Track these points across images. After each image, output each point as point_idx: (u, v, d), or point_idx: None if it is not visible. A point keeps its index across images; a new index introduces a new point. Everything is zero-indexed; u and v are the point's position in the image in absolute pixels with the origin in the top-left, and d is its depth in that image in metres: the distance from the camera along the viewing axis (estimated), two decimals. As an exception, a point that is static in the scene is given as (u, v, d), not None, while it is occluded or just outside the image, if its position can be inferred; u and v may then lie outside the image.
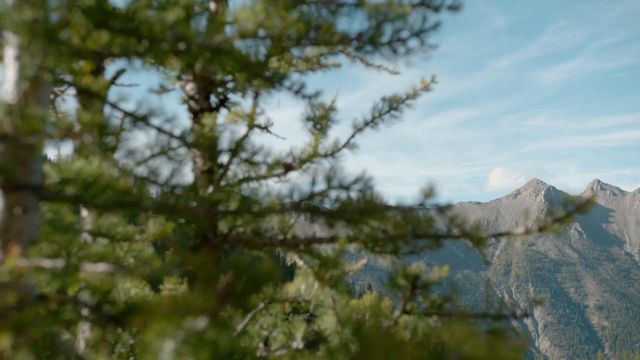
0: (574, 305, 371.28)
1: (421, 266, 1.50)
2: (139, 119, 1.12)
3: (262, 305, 1.76)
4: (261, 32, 1.25)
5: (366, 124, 1.99)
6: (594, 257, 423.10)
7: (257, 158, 1.36)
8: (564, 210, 1.38)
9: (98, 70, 1.74)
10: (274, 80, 1.43)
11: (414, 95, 2.09)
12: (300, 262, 2.01)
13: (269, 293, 1.64)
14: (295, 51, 1.99)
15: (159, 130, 1.17)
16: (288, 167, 1.39)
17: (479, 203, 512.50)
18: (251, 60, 1.33)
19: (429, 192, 1.30)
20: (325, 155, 1.91)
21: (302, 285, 1.85)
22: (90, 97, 1.20)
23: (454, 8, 1.36)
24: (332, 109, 2.21)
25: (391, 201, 1.39)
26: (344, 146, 1.96)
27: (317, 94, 1.53)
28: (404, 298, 1.49)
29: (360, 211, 1.22)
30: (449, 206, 1.33)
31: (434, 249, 1.54)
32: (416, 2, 1.37)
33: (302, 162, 1.81)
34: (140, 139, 1.25)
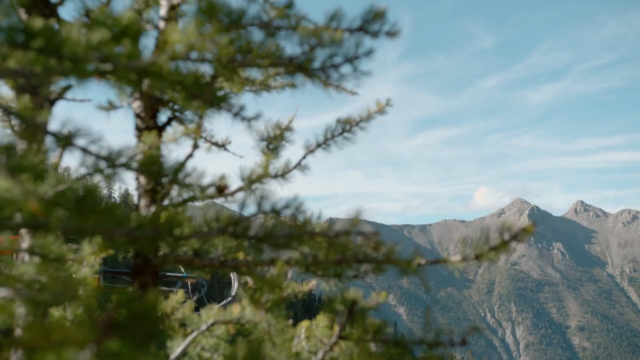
0: (556, 326, 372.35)
1: (358, 292, 1.48)
2: (62, 140, 1.10)
3: (204, 326, 1.74)
4: (193, 55, 1.24)
5: (318, 145, 1.99)
6: (576, 277, 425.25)
7: (190, 180, 1.35)
8: (501, 238, 1.37)
9: (33, 90, 1.72)
10: (212, 102, 1.42)
11: (368, 117, 2.08)
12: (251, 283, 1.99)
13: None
14: (250, 72, 1.98)
15: (84, 151, 1.16)
16: (221, 189, 1.38)
17: (463, 221, 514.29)
18: (187, 82, 1.32)
19: (356, 219, 1.30)
20: (276, 176, 1.89)
21: (248, 307, 1.83)
22: (9, 117, 1.19)
23: (392, 34, 1.36)
24: (288, 129, 2.20)
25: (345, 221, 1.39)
26: (295, 167, 1.95)
27: (257, 116, 1.53)
28: (341, 323, 1.48)
29: (287, 236, 1.21)
30: (374, 233, 1.32)
31: (377, 274, 1.53)
32: (355, 28, 1.37)
33: (251, 182, 1.80)
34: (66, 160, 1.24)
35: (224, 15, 1.32)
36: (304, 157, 1.95)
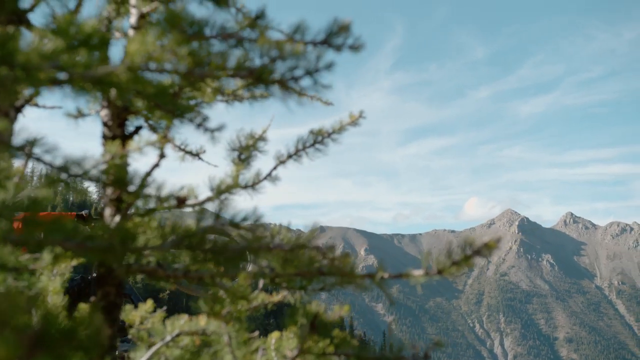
0: (544, 337, 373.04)
1: (320, 305, 1.48)
2: (15, 149, 1.09)
3: (169, 337, 1.73)
4: (152, 65, 1.24)
5: (289, 156, 1.98)
6: (564, 289, 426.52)
7: (148, 190, 1.34)
8: (463, 253, 1.37)
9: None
10: (175, 112, 1.41)
11: (340, 129, 2.08)
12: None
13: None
14: (222, 82, 1.98)
15: (38, 160, 1.15)
16: (181, 201, 1.37)
17: (453, 231, 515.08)
18: (148, 92, 1.31)
19: (311, 234, 1.29)
20: (246, 187, 1.88)
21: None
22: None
23: (355, 48, 1.36)
24: (261, 139, 2.20)
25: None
26: (266, 178, 1.94)
27: (221, 127, 1.52)
28: (303, 337, 1.47)
29: (242, 250, 1.20)
30: (331, 248, 1.31)
31: (344, 287, 1.52)
32: (319, 41, 1.36)
33: (220, 193, 1.79)
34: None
35: (187, 25, 1.32)
36: (274, 168, 1.94)
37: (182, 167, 2.55)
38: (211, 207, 1.44)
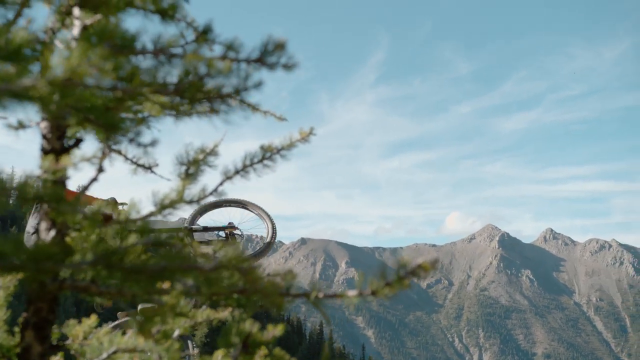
0: (523, 353, 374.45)
1: (254, 324, 1.45)
2: None
3: (105, 355, 1.69)
4: (75, 80, 1.22)
5: (236, 172, 1.96)
6: (544, 305, 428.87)
7: (67, 207, 1.31)
8: (397, 274, 1.36)
9: None
10: (107, 127, 1.39)
11: (290, 146, 2.06)
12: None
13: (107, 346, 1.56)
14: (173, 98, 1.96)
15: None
16: (107, 218, 1.34)
17: (434, 245, 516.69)
18: (78, 106, 1.29)
19: (234, 255, 1.27)
20: (191, 202, 1.86)
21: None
22: None
23: (288, 67, 1.35)
24: (212, 153, 2.18)
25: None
26: (211, 193, 1.92)
27: (154, 142, 1.50)
28: (234, 356, 1.44)
29: (162, 269, 1.18)
30: (252, 269, 1.30)
31: (276, 306, 1.50)
32: (253, 59, 1.35)
33: (164, 208, 1.76)
34: None
35: (118, 39, 1.30)
36: (220, 184, 1.92)
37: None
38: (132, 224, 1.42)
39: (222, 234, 7.37)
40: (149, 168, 2.56)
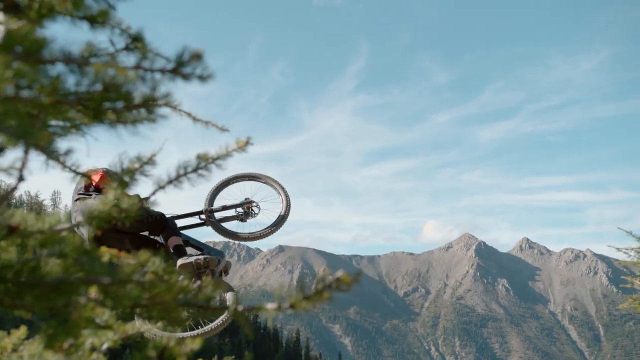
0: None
1: (171, 338, 1.43)
2: None
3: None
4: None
5: (170, 181, 1.93)
6: (519, 313, 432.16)
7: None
8: (315, 288, 1.34)
9: None
10: (18, 136, 1.36)
11: (226, 155, 2.04)
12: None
13: None
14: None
15: None
16: (12, 229, 1.31)
17: (411, 254, 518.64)
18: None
19: (132, 267, 1.25)
20: (122, 212, 1.83)
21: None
22: None
23: (204, 78, 1.33)
24: (150, 162, 2.14)
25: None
26: (143, 203, 1.89)
27: (68, 151, 1.48)
28: (150, 372, 1.42)
29: (59, 282, 1.15)
30: (152, 282, 1.27)
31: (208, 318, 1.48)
32: (168, 69, 1.33)
33: (92, 219, 1.73)
34: None
35: (24, 47, 1.27)
36: (153, 193, 1.89)
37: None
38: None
39: (240, 210, 7.57)
40: (88, 176, 2.53)
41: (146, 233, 6.80)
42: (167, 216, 6.89)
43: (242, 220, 7.53)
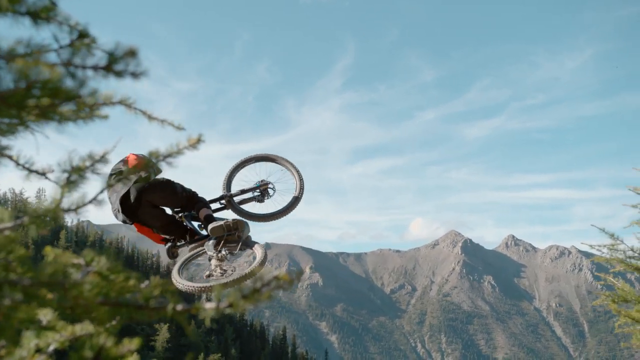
0: (484, 357, 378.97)
1: (109, 339, 1.41)
2: None
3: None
4: None
5: (119, 180, 1.91)
6: (505, 310, 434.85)
7: None
8: (253, 287, 1.33)
9: None
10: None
11: (178, 152, 2.03)
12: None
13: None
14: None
15: None
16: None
17: (398, 251, 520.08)
18: None
19: (55, 270, 1.23)
20: (68, 210, 1.81)
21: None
22: None
23: (136, 75, 1.32)
24: (102, 160, 2.12)
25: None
26: (91, 201, 1.86)
27: (4, 147, 1.45)
28: (86, 373, 1.40)
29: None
30: (75, 283, 1.26)
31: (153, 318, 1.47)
32: (101, 66, 1.31)
33: (37, 217, 1.71)
34: None
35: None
36: (101, 192, 1.87)
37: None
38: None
39: (257, 192, 7.95)
40: (43, 174, 2.50)
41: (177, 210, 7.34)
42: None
43: (259, 201, 7.90)
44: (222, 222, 6.97)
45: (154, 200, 6.94)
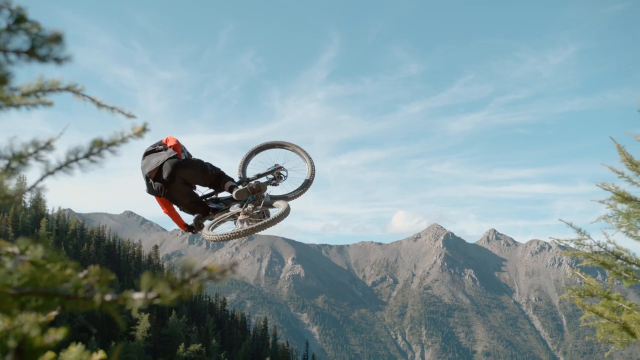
0: (463, 350, 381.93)
1: (34, 328, 1.39)
2: None
3: None
4: None
5: (59, 167, 1.88)
6: (485, 304, 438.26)
7: None
8: (182, 277, 1.32)
9: None
10: None
11: (121, 141, 2.00)
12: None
13: None
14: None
15: None
16: None
17: (380, 244, 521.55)
18: None
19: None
20: (6, 198, 1.78)
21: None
22: None
23: (59, 60, 1.30)
24: (47, 147, 2.09)
25: None
26: (30, 189, 1.84)
27: None
28: (9, 362, 1.38)
29: None
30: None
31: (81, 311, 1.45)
32: (24, 50, 1.29)
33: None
34: None
35: None
36: (41, 179, 1.84)
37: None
38: None
39: (271, 176, 8.45)
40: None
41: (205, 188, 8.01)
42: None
43: (274, 184, 8.39)
44: (246, 186, 7.63)
45: (186, 176, 7.50)
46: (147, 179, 7.58)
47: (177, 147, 7.58)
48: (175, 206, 8.05)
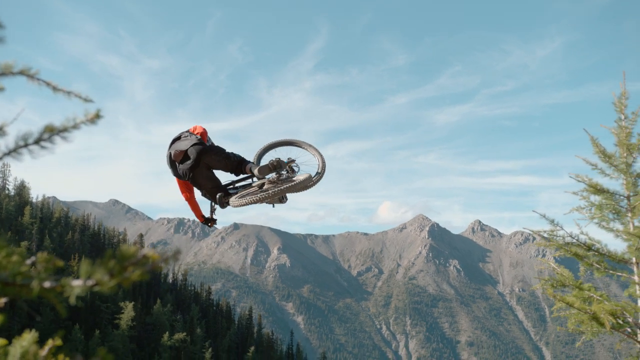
0: (447, 340, 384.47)
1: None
2: None
3: None
4: None
5: (8, 153, 1.86)
6: (469, 294, 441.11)
7: None
8: (119, 265, 1.31)
9: None
10: None
11: (74, 127, 1.98)
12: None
13: None
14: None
15: None
16: None
17: (366, 234, 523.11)
18: None
19: None
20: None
21: None
22: None
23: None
24: (-1, 133, 2.08)
25: None
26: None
27: None
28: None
29: None
30: None
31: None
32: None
33: None
34: None
35: None
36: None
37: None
38: None
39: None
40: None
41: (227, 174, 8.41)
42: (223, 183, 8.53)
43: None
44: (267, 163, 8.01)
45: (210, 162, 7.98)
46: (172, 163, 8.16)
47: (204, 135, 8.21)
48: (195, 196, 8.73)
